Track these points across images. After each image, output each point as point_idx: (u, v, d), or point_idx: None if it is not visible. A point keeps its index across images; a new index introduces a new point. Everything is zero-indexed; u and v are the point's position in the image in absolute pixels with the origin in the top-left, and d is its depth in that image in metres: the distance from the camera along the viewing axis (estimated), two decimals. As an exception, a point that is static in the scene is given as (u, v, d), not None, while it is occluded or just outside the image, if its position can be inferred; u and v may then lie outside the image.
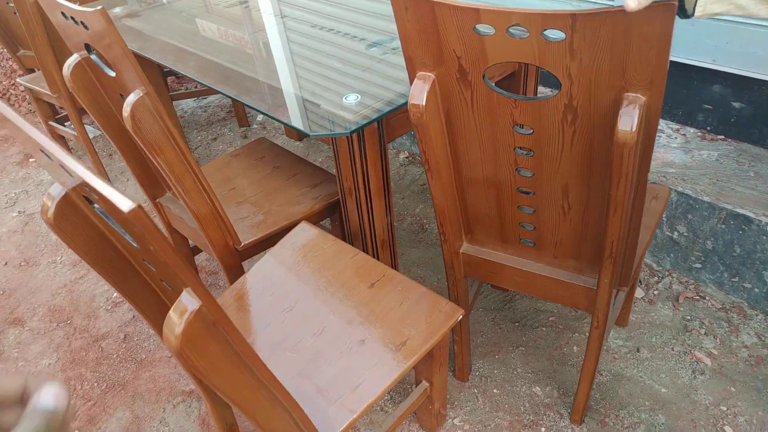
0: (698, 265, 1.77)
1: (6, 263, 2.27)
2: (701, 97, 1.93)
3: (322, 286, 1.27)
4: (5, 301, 2.09)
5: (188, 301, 0.64)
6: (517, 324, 1.75)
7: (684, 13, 0.79)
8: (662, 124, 2.03)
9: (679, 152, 1.88)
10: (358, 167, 1.31)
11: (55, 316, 2.00)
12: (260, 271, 1.34)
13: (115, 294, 2.05)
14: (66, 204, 0.80)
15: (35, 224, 2.47)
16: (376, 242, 1.46)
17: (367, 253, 1.47)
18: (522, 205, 1.14)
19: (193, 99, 3.39)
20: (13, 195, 2.69)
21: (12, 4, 2.39)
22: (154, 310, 0.93)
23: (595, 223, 1.07)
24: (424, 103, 0.99)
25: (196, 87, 3.22)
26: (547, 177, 1.05)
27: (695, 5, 0.77)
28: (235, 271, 1.46)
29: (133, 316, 1.95)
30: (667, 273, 1.84)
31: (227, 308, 1.28)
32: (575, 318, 1.74)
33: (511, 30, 0.86)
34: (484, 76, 0.95)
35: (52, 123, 2.60)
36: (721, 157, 1.83)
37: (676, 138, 1.95)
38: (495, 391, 1.57)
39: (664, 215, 1.77)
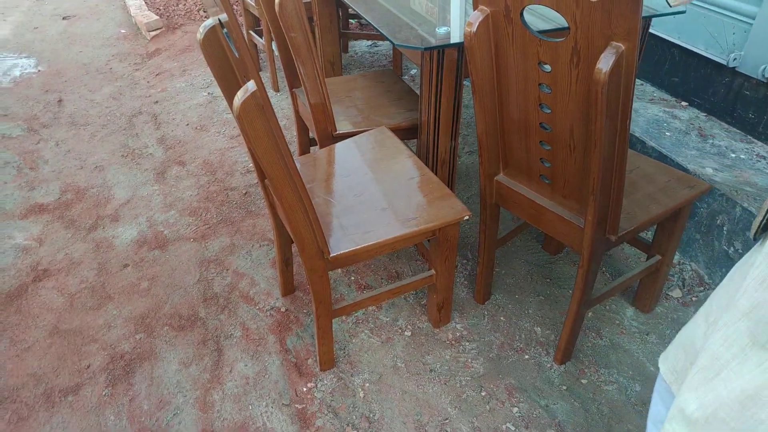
0: (745, 284, 1.78)
1: (188, 124, 2.96)
2: (818, 132, 1.88)
3: (375, 167, 1.61)
4: (179, 147, 2.76)
5: (251, 86, 1.03)
6: (548, 280, 1.93)
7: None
8: (770, 150, 2.01)
9: (767, 177, 1.87)
10: (433, 88, 1.62)
11: (206, 167, 2.60)
12: (340, 148, 1.73)
13: (250, 164, 2.60)
14: (212, 33, 1.24)
15: (216, 104, 3.14)
16: (437, 158, 1.76)
17: (428, 166, 1.78)
18: (542, 141, 1.36)
19: (368, 44, 3.88)
20: (210, 80, 3.41)
21: (250, -69, 3.04)
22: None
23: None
24: (475, 30, 1.27)
25: (372, 29, 3.69)
26: (560, 114, 1.26)
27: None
28: (327, 152, 1.86)
29: (257, 182, 2.47)
30: (714, 286, 1.87)
31: (308, 161, 1.68)
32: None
33: (541, -22, 1.10)
34: (521, 15, 1.20)
35: (251, 32, 3.25)
36: (813, 193, 1.80)
37: (776, 165, 1.93)
38: (501, 318, 1.79)
39: (724, 228, 1.80)
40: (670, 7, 0.98)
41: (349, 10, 3.50)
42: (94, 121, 3.04)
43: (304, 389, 1.60)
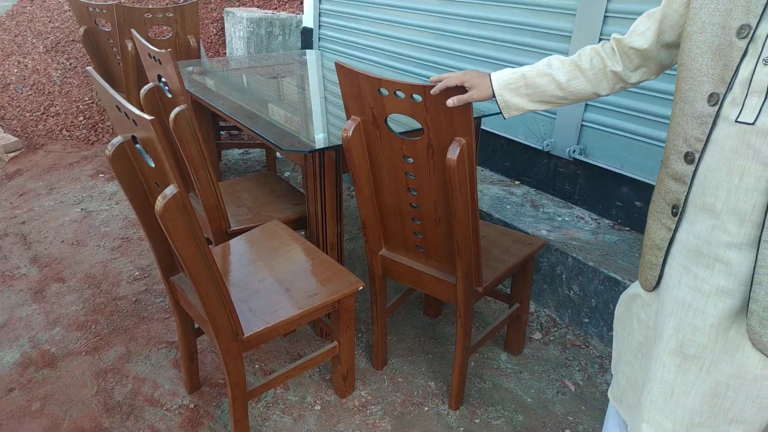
0: (587, 320, 2.19)
1: (62, 241, 2.91)
2: (614, 196, 2.44)
3: (273, 255, 1.80)
4: (56, 265, 2.70)
5: (171, 189, 1.21)
6: (434, 341, 2.19)
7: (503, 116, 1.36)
8: (585, 213, 2.53)
9: (587, 233, 2.36)
10: (318, 183, 1.88)
11: (89, 280, 2.57)
12: (237, 242, 1.90)
13: (136, 272, 2.62)
14: (121, 150, 1.41)
15: (92, 219, 3.13)
16: (327, 242, 1.99)
17: (320, 248, 2.00)
18: (414, 217, 1.67)
19: (240, 152, 4.13)
20: (81, 197, 3.39)
21: (119, 56, 3.24)
22: (155, 225, 1.50)
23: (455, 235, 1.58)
24: (350, 134, 1.58)
25: (243, 139, 3.96)
26: (425, 195, 1.58)
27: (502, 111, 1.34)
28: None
29: (146, 289, 2.50)
30: (565, 325, 2.26)
31: (208, 262, 1.81)
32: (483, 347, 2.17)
33: (397, 93, 1.44)
34: (385, 121, 1.53)
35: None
36: (619, 242, 2.30)
37: (590, 224, 2.44)
38: (399, 379, 2.00)
39: (563, 276, 2.23)
40: (504, 119, 1.37)
41: (220, 122, 3.75)
42: (-49, 248, 2.86)
43: (224, 478, 1.64)
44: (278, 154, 3.93)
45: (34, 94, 4.77)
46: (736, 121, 0.91)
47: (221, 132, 4.03)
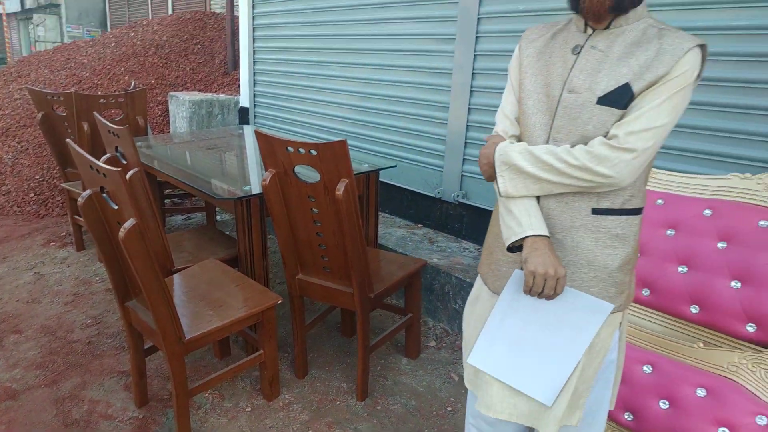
0: (471, 328, 2.71)
1: (17, 300, 3.22)
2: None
3: (210, 282, 2.25)
4: (12, 320, 3.00)
5: (131, 222, 1.68)
6: (348, 354, 2.64)
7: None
8: (470, 245, 3.11)
9: (469, 259, 2.93)
10: (246, 225, 2.37)
11: (45, 330, 2.89)
12: (179, 276, 2.34)
13: (89, 320, 2.96)
14: (90, 200, 1.87)
15: (45, 280, 3.45)
16: (255, 275, 2.46)
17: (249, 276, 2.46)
18: (321, 244, 2.18)
19: (182, 218, 4.56)
20: (34, 263, 3.71)
21: (73, 137, 3.69)
22: (115, 259, 1.94)
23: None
24: (268, 182, 2.10)
25: (186, 204, 4.40)
26: (327, 225, 2.10)
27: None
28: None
29: (98, 333, 2.84)
30: (454, 334, 2.77)
31: (156, 292, 2.24)
32: (384, 355, 2.63)
33: (299, 150, 1.99)
34: (293, 171, 2.07)
35: (76, 216, 3.73)
36: (495, 265, 2.87)
37: (473, 252, 3.02)
38: (318, 384, 2.42)
39: (450, 293, 2.76)
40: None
41: (165, 191, 4.20)
42: None
43: (171, 465, 2.00)
44: (218, 217, 4.39)
45: (-17, 175, 5.08)
46: None
47: (165, 200, 4.47)
